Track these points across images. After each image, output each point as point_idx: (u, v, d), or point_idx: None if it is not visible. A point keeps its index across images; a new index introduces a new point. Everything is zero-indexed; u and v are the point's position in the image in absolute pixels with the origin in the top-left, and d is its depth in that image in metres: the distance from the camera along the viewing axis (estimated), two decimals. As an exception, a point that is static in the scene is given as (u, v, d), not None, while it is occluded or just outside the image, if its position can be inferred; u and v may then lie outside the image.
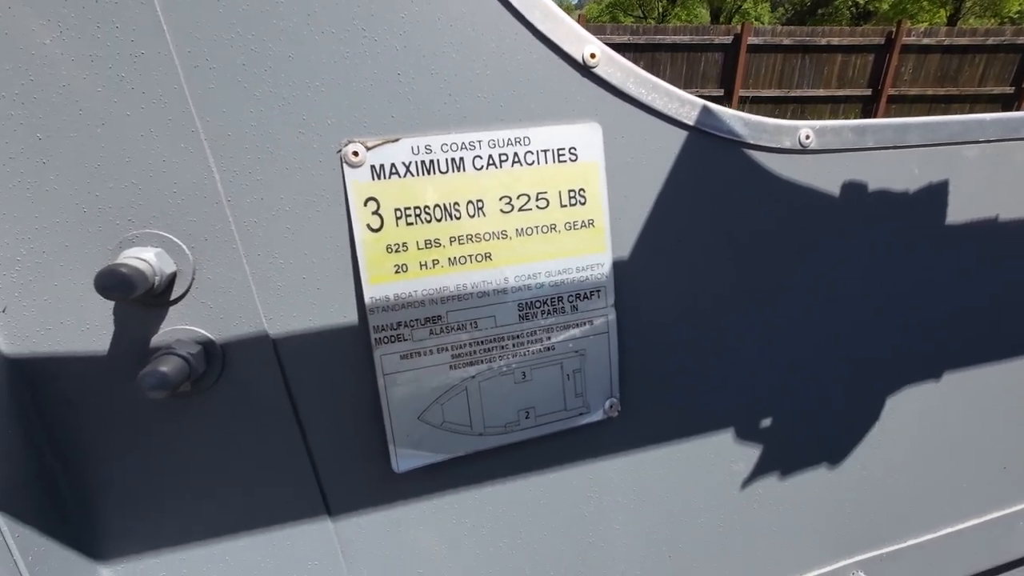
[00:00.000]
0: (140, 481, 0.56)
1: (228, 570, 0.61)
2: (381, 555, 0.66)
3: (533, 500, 0.70)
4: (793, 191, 0.69)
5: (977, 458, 0.91)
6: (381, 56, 0.52)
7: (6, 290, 0.49)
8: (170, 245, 0.51)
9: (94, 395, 0.53)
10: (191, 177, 0.50)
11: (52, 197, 0.48)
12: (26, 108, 0.46)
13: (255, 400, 0.57)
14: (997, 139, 0.75)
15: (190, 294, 0.53)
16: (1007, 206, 0.78)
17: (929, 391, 0.84)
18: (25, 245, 0.49)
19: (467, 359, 0.61)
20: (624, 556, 0.76)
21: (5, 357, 0.50)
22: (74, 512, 0.55)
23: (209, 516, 0.59)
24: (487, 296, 0.60)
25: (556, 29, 0.57)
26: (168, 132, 0.49)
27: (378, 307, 0.57)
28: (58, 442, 0.53)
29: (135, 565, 0.58)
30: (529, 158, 0.59)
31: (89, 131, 0.47)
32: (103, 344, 0.52)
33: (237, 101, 0.50)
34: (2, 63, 0.44)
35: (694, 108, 0.63)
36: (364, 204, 0.55)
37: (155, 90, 0.48)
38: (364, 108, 0.53)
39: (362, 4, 0.51)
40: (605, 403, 0.68)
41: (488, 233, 0.59)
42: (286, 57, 0.50)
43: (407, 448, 0.61)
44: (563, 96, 0.58)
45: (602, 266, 0.63)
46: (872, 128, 0.70)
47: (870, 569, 0.88)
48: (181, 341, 0.53)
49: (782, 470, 0.80)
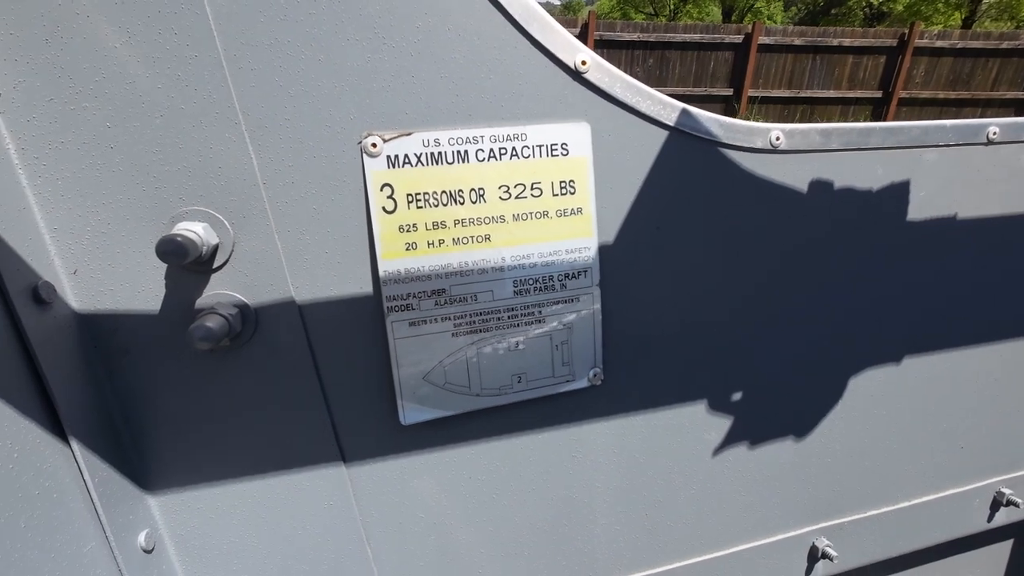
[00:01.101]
0: (182, 423, 0.65)
1: (256, 506, 0.70)
2: (388, 498, 0.75)
3: (523, 456, 0.79)
4: (763, 186, 0.76)
5: (936, 438, 0.99)
6: (398, 61, 0.60)
7: (77, 255, 0.58)
8: (214, 220, 0.60)
9: (147, 346, 0.62)
10: (233, 162, 0.59)
11: (117, 176, 0.57)
12: (98, 101, 0.54)
13: (282, 357, 0.65)
14: (956, 143, 0.82)
15: (229, 263, 0.62)
16: (963, 205, 0.85)
17: (891, 374, 0.92)
18: (93, 217, 0.57)
19: (467, 328, 0.70)
20: (604, 511, 0.85)
21: (75, 312, 0.59)
22: (128, 446, 0.64)
23: (240, 458, 0.68)
24: (486, 273, 0.69)
25: (552, 39, 0.64)
26: (215, 123, 0.57)
27: (390, 279, 0.65)
28: (116, 386, 0.62)
29: (176, 497, 0.67)
30: (525, 152, 0.67)
31: (149, 121, 0.56)
32: (155, 304, 0.61)
33: (274, 98, 0.58)
34: (81, 63, 0.53)
35: (674, 110, 0.70)
36: (380, 189, 0.63)
37: (205, 87, 0.56)
38: (382, 106, 0.61)
39: (383, 16, 0.59)
40: (589, 372, 0.76)
41: (488, 217, 0.67)
42: (316, 60, 0.58)
43: (413, 404, 0.70)
44: (557, 98, 0.66)
45: (589, 249, 0.71)
46: (838, 131, 0.77)
47: (832, 535, 0.97)
48: (221, 303, 0.62)
49: (750, 441, 0.88)
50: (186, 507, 0.68)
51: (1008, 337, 0.95)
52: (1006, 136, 0.84)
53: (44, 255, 0.56)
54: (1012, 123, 0.84)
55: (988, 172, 0.85)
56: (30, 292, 0.53)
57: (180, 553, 0.69)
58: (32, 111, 0.53)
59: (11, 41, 0.51)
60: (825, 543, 0.96)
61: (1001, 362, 0.97)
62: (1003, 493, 1.04)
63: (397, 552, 0.78)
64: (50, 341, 0.55)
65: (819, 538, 0.96)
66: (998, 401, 1.00)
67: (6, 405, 0.50)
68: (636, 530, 0.88)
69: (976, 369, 0.96)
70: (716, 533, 0.92)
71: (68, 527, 0.55)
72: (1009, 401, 1.00)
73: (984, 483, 1.04)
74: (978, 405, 0.99)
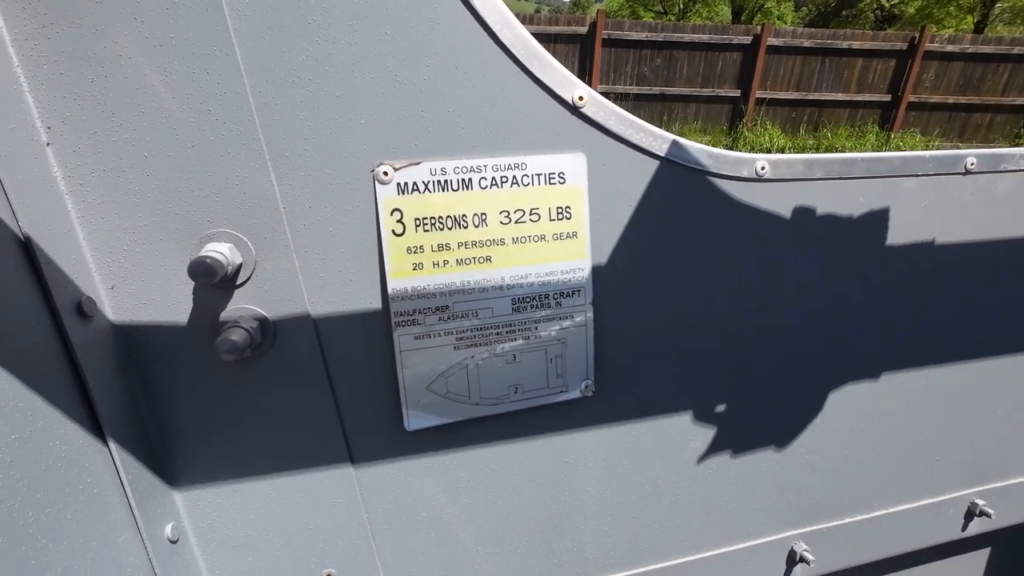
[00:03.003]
0: (205, 424, 0.71)
1: (271, 503, 0.76)
2: (392, 497, 0.80)
3: (518, 462, 0.84)
4: (749, 213, 0.81)
5: (913, 450, 1.04)
6: (409, 96, 0.66)
7: (114, 272, 0.64)
8: (239, 241, 0.65)
9: (175, 355, 0.67)
10: (257, 188, 0.64)
11: (151, 200, 0.62)
12: (137, 133, 0.60)
13: (298, 367, 0.71)
14: (934, 173, 0.87)
15: (251, 280, 0.67)
16: (940, 231, 0.90)
17: (869, 390, 0.97)
18: (130, 237, 0.63)
19: (468, 342, 0.75)
20: (594, 514, 0.90)
21: (112, 324, 0.64)
22: (157, 446, 0.70)
23: (257, 458, 0.74)
24: (487, 291, 0.74)
25: (552, 76, 0.69)
26: (242, 153, 0.63)
27: (398, 296, 0.71)
28: (148, 390, 0.68)
29: (198, 492, 0.73)
30: (525, 180, 0.72)
31: (182, 151, 0.61)
32: (184, 316, 0.66)
33: (295, 130, 0.64)
34: (122, 99, 0.58)
35: (665, 142, 0.75)
36: (390, 214, 0.68)
37: (234, 120, 0.62)
38: (393, 137, 0.67)
39: (396, 56, 0.64)
40: (581, 384, 0.82)
41: (489, 240, 0.72)
42: (335, 96, 0.64)
43: (417, 411, 0.76)
44: (555, 131, 0.71)
45: (583, 270, 0.77)
46: (820, 161, 0.82)
47: (811, 541, 1.02)
48: (244, 317, 0.67)
49: (733, 450, 0.93)
50: (207, 502, 0.74)
51: (981, 356, 1.00)
52: (983, 166, 0.88)
53: (86, 272, 0.62)
54: (988, 154, 0.88)
55: (965, 200, 0.89)
56: (75, 306, 0.59)
57: (201, 544, 0.76)
58: (78, 142, 0.59)
59: (62, 80, 0.57)
60: (803, 548, 1.01)
61: (974, 380, 1.01)
62: (976, 504, 1.09)
63: (400, 547, 0.84)
64: (91, 351, 0.60)
65: (798, 543, 1.01)
66: (971, 417, 1.04)
67: (56, 409, 0.56)
68: (623, 532, 0.93)
69: (951, 386, 1.01)
70: (699, 536, 0.97)
71: (105, 519, 0.61)
72: (981, 417, 1.05)
73: (958, 494, 1.09)
74: (952, 420, 1.04)
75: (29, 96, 0.56)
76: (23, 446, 0.51)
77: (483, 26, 0.65)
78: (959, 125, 10.47)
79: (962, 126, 10.49)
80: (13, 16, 0.54)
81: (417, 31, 0.64)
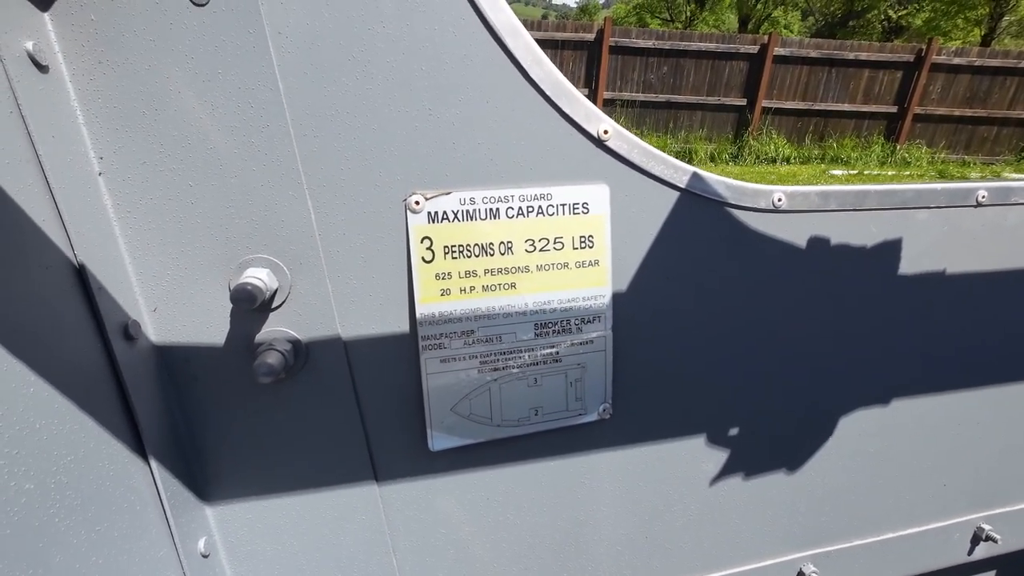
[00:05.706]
0: (238, 441, 0.73)
1: (298, 518, 0.78)
2: (414, 515, 0.83)
3: (537, 481, 0.86)
4: (765, 243, 0.83)
5: (921, 475, 1.05)
6: (441, 129, 0.68)
7: (157, 295, 0.66)
8: (275, 266, 0.68)
9: (213, 375, 0.70)
10: (295, 216, 0.67)
11: (194, 228, 0.65)
12: (183, 164, 0.63)
13: (328, 387, 0.73)
14: (946, 205, 0.89)
15: (286, 304, 0.70)
16: (951, 262, 0.92)
17: (879, 416, 0.99)
18: (172, 262, 0.65)
19: (491, 365, 0.78)
20: (608, 534, 0.92)
21: (154, 344, 0.67)
22: (192, 462, 0.72)
23: (286, 474, 0.76)
24: (511, 317, 0.76)
25: (578, 111, 0.72)
26: (281, 183, 0.65)
27: (426, 321, 0.73)
28: (185, 408, 0.70)
29: (229, 507, 0.76)
30: (550, 210, 0.74)
31: (225, 181, 0.64)
32: (221, 338, 0.69)
33: (332, 160, 0.66)
34: (171, 131, 0.61)
35: (685, 173, 0.78)
36: (421, 241, 0.71)
37: (275, 152, 0.64)
38: (425, 168, 0.69)
39: (429, 91, 0.66)
40: (600, 407, 0.84)
41: (514, 267, 0.75)
42: (371, 129, 0.66)
43: (441, 432, 0.78)
44: (580, 163, 0.74)
45: (604, 297, 0.79)
46: (835, 193, 0.84)
47: (819, 562, 1.03)
48: (277, 339, 0.70)
49: (745, 473, 0.95)
50: (237, 517, 0.76)
51: (988, 384, 1.02)
52: (994, 199, 0.90)
53: (131, 296, 0.64)
54: (1000, 187, 0.90)
55: (976, 232, 0.92)
56: (122, 329, 0.61)
57: (230, 558, 0.78)
58: (127, 172, 0.61)
59: (114, 113, 0.59)
60: (812, 569, 1.03)
61: (982, 407, 1.03)
62: (983, 529, 1.11)
63: (420, 564, 0.86)
64: (135, 372, 0.63)
65: (807, 564, 1.03)
66: (979, 443, 1.06)
67: (104, 429, 0.58)
68: (636, 551, 0.95)
69: (959, 413, 1.03)
70: (710, 555, 0.99)
71: (146, 535, 0.63)
72: (989, 444, 1.07)
73: (964, 519, 1.10)
74: (960, 447, 1.05)
75: (84, 128, 0.59)
76: (77, 467, 0.53)
77: (514, 63, 0.68)
78: (965, 137, 10.48)
79: (968, 139, 10.50)
80: (72, 53, 0.57)
81: (451, 67, 0.66)
